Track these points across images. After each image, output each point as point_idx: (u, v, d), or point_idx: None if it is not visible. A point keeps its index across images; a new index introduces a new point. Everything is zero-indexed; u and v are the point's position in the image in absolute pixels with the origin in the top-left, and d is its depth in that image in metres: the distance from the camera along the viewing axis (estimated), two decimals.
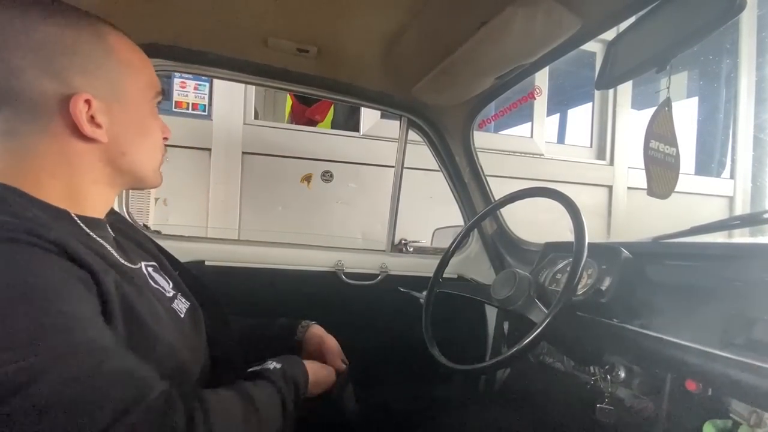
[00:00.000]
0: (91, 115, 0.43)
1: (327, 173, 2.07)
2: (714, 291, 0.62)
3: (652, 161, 0.76)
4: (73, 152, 0.44)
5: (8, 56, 0.40)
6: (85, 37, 0.44)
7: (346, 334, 1.18)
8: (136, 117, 0.48)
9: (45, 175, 0.43)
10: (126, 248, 0.52)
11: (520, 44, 0.77)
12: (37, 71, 0.41)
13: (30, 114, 0.42)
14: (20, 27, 0.40)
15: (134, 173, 0.50)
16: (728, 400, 0.57)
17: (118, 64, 0.46)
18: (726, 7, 0.54)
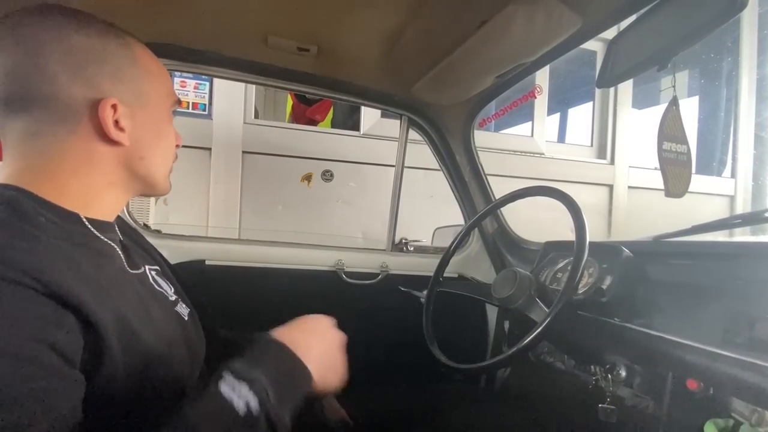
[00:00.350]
0: (116, 120, 0.45)
1: (327, 172, 2.07)
2: (715, 290, 0.62)
3: (666, 162, 0.76)
4: (96, 154, 0.46)
5: (43, 62, 0.42)
6: (112, 46, 0.46)
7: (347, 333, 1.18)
8: (155, 122, 0.51)
9: (65, 175, 0.45)
10: (131, 252, 0.53)
11: (520, 43, 0.77)
12: (69, 77, 0.43)
13: (59, 116, 0.44)
14: (55, 35, 0.43)
15: (148, 178, 0.52)
16: (729, 399, 0.57)
17: (142, 72, 0.49)
18: (727, 5, 0.54)
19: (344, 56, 0.94)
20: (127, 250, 0.53)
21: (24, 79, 0.42)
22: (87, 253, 0.43)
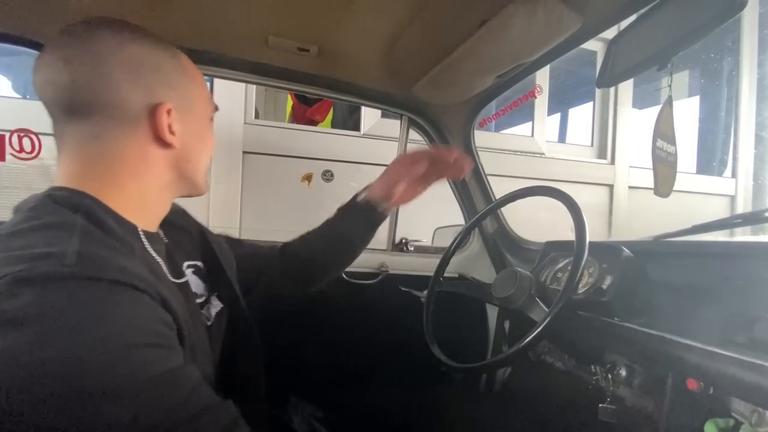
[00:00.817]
0: (169, 124, 0.49)
1: (328, 172, 2.07)
2: (715, 289, 0.61)
3: (658, 160, 0.76)
4: (152, 156, 0.49)
5: (106, 70, 0.45)
6: (164, 56, 0.50)
7: (347, 333, 1.18)
8: (200, 127, 0.54)
9: (125, 178, 0.48)
10: (174, 255, 0.56)
11: (520, 43, 0.76)
12: (129, 84, 0.46)
13: (119, 120, 0.47)
14: (114, 46, 0.46)
15: (192, 180, 0.55)
16: (730, 399, 0.57)
17: (188, 80, 0.52)
18: (727, 4, 0.53)
19: (344, 56, 0.94)
20: (171, 255, 0.56)
21: (88, 86, 0.45)
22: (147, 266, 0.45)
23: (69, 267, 0.35)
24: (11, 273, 0.33)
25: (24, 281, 0.33)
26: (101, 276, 0.36)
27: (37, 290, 0.33)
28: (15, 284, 0.33)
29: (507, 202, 0.88)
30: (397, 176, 0.75)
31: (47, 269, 0.34)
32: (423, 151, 0.75)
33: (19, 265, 0.34)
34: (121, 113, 0.47)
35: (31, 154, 0.96)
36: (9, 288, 0.32)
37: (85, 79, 0.45)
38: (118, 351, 0.34)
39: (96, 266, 0.36)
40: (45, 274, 0.34)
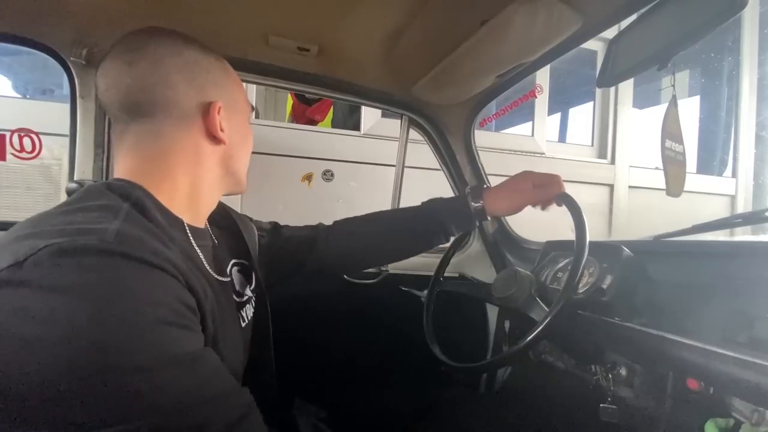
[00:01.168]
0: (220, 121, 0.52)
1: (328, 172, 2.07)
2: (716, 289, 0.61)
3: (668, 161, 0.76)
4: (204, 152, 0.53)
5: (166, 72, 0.50)
6: (212, 59, 0.54)
7: (348, 332, 1.18)
8: (243, 126, 0.58)
9: (178, 172, 0.51)
10: (220, 254, 0.59)
11: (520, 42, 0.76)
12: (186, 84, 0.51)
13: (176, 118, 0.50)
14: (172, 50, 0.51)
15: (236, 175, 0.58)
16: (730, 399, 0.57)
17: (232, 81, 0.57)
18: (727, 4, 0.53)
19: (345, 56, 0.94)
20: (217, 253, 0.58)
21: (149, 87, 0.49)
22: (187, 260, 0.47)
23: (105, 242, 0.37)
24: (54, 243, 0.35)
25: (63, 252, 0.35)
26: (134, 254, 0.37)
27: (73, 261, 0.35)
28: (55, 254, 0.35)
29: None
30: (519, 189, 0.76)
31: (85, 242, 0.36)
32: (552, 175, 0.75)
33: (62, 237, 0.36)
34: (178, 111, 0.50)
35: (32, 154, 0.96)
36: (50, 257, 0.35)
37: (146, 80, 0.49)
38: (143, 325, 0.35)
39: (131, 245, 0.38)
40: (83, 246, 0.36)
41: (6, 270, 0.34)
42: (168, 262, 0.40)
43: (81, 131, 0.91)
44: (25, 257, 0.35)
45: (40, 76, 2.22)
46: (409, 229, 0.80)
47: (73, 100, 0.90)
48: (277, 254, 0.75)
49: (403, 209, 0.84)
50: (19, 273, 0.34)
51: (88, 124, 0.91)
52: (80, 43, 0.86)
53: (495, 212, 0.77)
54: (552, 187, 0.73)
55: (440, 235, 0.78)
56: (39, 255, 0.35)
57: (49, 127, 1.07)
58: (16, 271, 0.34)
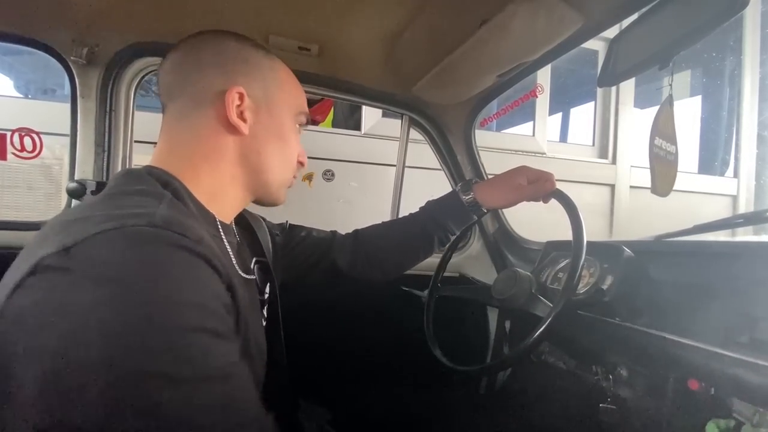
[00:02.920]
0: (241, 110, 0.51)
1: (328, 172, 2.07)
2: (717, 289, 0.61)
3: (656, 159, 0.76)
4: (222, 141, 0.52)
5: (201, 56, 0.51)
6: (258, 54, 0.54)
7: (349, 333, 1.18)
8: (277, 125, 0.55)
9: (199, 160, 0.51)
10: (244, 252, 0.59)
11: (521, 42, 0.76)
12: (215, 69, 0.51)
13: (198, 101, 0.51)
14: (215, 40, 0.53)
15: (262, 176, 0.55)
16: (731, 400, 0.57)
17: (276, 80, 0.55)
18: (728, 4, 0.53)
19: (345, 56, 0.94)
20: (242, 251, 0.58)
21: (183, 68, 0.51)
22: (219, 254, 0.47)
23: (154, 227, 0.36)
24: (103, 231, 0.35)
25: (111, 239, 0.35)
26: (181, 242, 0.37)
27: (121, 250, 0.35)
28: (103, 242, 0.35)
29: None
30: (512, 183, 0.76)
31: (134, 228, 0.36)
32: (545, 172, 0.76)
33: (112, 222, 0.36)
34: (201, 93, 0.50)
35: (33, 153, 0.96)
36: (97, 245, 0.35)
37: (181, 61, 0.51)
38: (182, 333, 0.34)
39: (179, 230, 0.38)
40: (132, 233, 0.36)
41: (54, 255, 0.34)
42: (212, 252, 0.40)
43: (81, 131, 0.91)
44: (74, 243, 0.34)
45: (41, 75, 2.22)
46: (411, 234, 0.79)
47: (73, 99, 0.91)
48: (291, 254, 0.75)
49: (404, 217, 0.84)
50: (65, 259, 0.34)
51: (88, 124, 0.91)
52: (81, 43, 0.86)
53: (487, 204, 0.77)
54: (545, 183, 0.73)
55: (440, 234, 0.78)
56: (91, 241, 0.34)
57: (49, 127, 1.07)
58: (63, 257, 0.34)
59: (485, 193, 0.76)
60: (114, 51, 0.89)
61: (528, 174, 0.75)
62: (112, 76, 0.91)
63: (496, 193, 0.76)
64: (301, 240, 0.77)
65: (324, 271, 0.78)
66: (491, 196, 0.76)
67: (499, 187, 0.76)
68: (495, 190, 0.76)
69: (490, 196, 0.76)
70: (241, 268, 0.54)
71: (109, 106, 0.92)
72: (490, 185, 0.77)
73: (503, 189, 0.76)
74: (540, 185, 0.74)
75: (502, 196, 0.76)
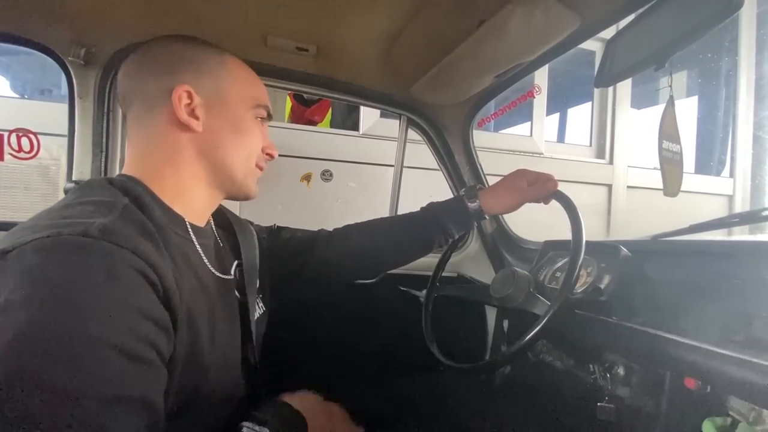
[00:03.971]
0: (192, 108, 0.51)
1: (327, 172, 2.07)
2: (713, 288, 0.61)
3: (665, 161, 0.76)
4: (176, 139, 0.52)
5: (149, 62, 0.52)
6: (206, 52, 0.54)
7: (346, 333, 1.18)
8: (233, 119, 0.55)
9: (161, 162, 0.51)
10: (224, 254, 0.60)
11: (518, 43, 0.76)
12: (161, 70, 0.52)
13: (150, 105, 0.51)
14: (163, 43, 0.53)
15: (224, 170, 0.55)
16: (727, 398, 0.57)
17: (227, 74, 0.55)
18: (723, 5, 0.53)
19: (343, 56, 0.94)
20: (220, 254, 0.58)
21: (133, 75, 0.52)
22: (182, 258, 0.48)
23: (89, 237, 0.37)
24: (39, 237, 0.36)
25: (42, 248, 0.36)
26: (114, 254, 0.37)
27: (51, 257, 0.35)
28: (34, 249, 0.36)
29: None
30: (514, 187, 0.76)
31: (68, 237, 0.36)
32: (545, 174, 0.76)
33: (50, 230, 0.37)
34: (152, 98, 0.51)
35: (30, 154, 0.96)
36: (32, 249, 0.36)
37: (131, 70, 0.52)
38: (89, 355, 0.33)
39: (117, 240, 0.38)
40: (64, 241, 0.36)
41: None
42: (148, 264, 0.39)
43: (79, 131, 0.90)
44: (12, 248, 0.36)
45: (38, 76, 2.21)
46: (410, 233, 0.79)
47: (71, 100, 0.90)
48: (278, 255, 0.75)
49: (403, 215, 0.83)
50: (2, 263, 0.36)
51: (86, 124, 0.90)
52: (78, 43, 0.86)
53: (492, 211, 0.77)
54: (546, 184, 0.73)
55: (440, 237, 0.78)
56: (23, 248, 0.36)
57: (46, 127, 1.06)
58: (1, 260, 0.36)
59: (490, 200, 0.76)
60: (112, 51, 0.89)
61: (527, 176, 0.75)
62: (110, 77, 0.90)
63: (499, 199, 0.76)
64: (287, 241, 0.78)
65: (312, 269, 0.77)
66: (495, 202, 0.76)
67: (502, 193, 0.76)
68: (498, 196, 0.76)
69: (494, 203, 0.76)
70: (218, 269, 0.55)
71: (107, 107, 0.91)
72: (494, 192, 0.77)
73: (506, 195, 0.76)
74: (541, 186, 0.74)
75: (506, 201, 0.76)
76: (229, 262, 0.61)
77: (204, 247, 0.54)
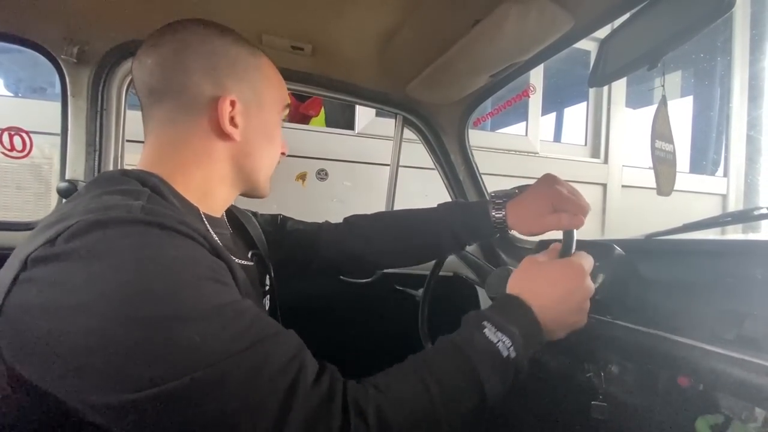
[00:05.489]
0: (233, 116, 0.51)
1: (322, 171, 2.06)
2: (706, 287, 0.62)
3: (658, 161, 0.76)
4: (213, 147, 0.51)
5: (185, 59, 0.49)
6: (244, 53, 0.53)
7: (343, 332, 1.18)
8: (267, 125, 0.55)
9: (191, 165, 0.51)
10: (237, 244, 0.60)
11: (513, 42, 0.76)
12: (202, 74, 0.49)
13: (188, 107, 0.50)
14: (199, 39, 0.50)
15: (252, 176, 0.56)
16: (719, 396, 0.57)
17: (262, 78, 0.54)
18: (715, 5, 0.53)
19: (339, 55, 0.94)
20: (236, 243, 0.59)
21: (167, 71, 0.49)
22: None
23: (133, 215, 0.38)
24: (84, 219, 0.37)
25: (95, 223, 0.37)
26: (162, 222, 0.38)
27: (104, 231, 0.36)
28: (84, 228, 0.36)
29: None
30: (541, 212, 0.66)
31: (115, 215, 0.38)
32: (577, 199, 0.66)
33: (91, 214, 0.38)
34: (190, 100, 0.49)
35: (22, 153, 0.95)
36: (80, 231, 0.36)
37: (166, 63, 0.49)
38: (183, 281, 0.36)
39: (157, 216, 0.39)
40: (112, 218, 0.37)
41: (39, 248, 0.36)
42: (197, 231, 0.41)
43: (72, 130, 0.90)
44: (57, 235, 0.36)
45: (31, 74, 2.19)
46: (422, 236, 0.74)
47: (64, 98, 0.89)
48: (283, 247, 0.74)
49: (417, 212, 0.77)
50: (51, 249, 0.35)
51: (79, 123, 0.90)
52: (71, 41, 0.85)
53: (517, 229, 0.69)
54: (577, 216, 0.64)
55: (454, 245, 0.74)
56: (70, 230, 0.36)
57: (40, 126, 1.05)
58: (49, 248, 0.35)
59: (518, 216, 0.68)
60: (105, 49, 0.88)
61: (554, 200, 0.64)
62: (103, 75, 0.90)
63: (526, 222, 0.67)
64: (290, 232, 0.77)
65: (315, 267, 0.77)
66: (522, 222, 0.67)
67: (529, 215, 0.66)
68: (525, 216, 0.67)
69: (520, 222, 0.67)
70: (237, 256, 0.55)
71: (100, 105, 0.90)
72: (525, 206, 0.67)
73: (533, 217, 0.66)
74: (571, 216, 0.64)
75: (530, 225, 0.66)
76: (244, 251, 0.61)
77: (220, 236, 0.54)
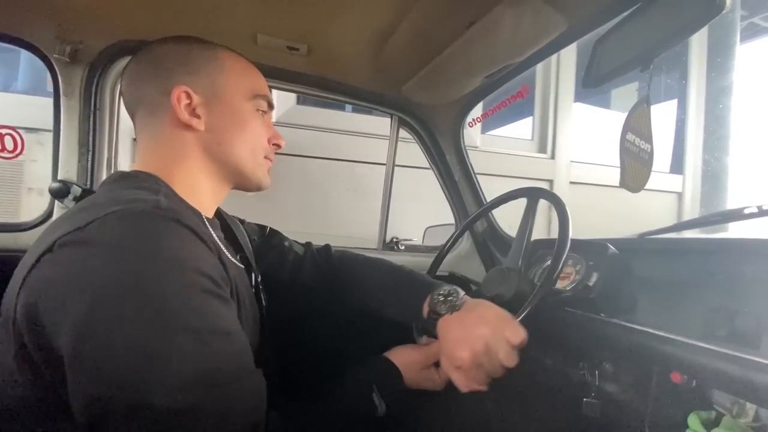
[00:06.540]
0: (193, 108, 0.50)
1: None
2: (697, 285, 0.59)
3: (626, 153, 0.73)
4: (183, 139, 0.50)
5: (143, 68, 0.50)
6: (196, 49, 0.52)
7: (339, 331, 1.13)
8: (233, 113, 0.52)
9: (171, 163, 0.50)
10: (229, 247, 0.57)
11: (508, 44, 0.73)
12: (155, 75, 0.50)
13: (153, 110, 0.50)
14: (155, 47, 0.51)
15: (231, 165, 0.53)
16: (711, 392, 0.55)
17: (219, 68, 0.52)
18: (706, 7, 0.52)
19: (334, 55, 0.88)
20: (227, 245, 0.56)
21: (134, 82, 0.51)
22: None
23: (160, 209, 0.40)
24: (116, 210, 0.38)
25: (125, 216, 0.38)
26: (184, 221, 0.40)
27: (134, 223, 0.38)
28: (118, 218, 0.37)
29: (498, 205, 0.85)
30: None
31: (143, 208, 0.39)
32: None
33: (120, 205, 0.39)
34: (153, 102, 0.49)
35: (13, 153, 0.87)
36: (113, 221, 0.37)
37: (130, 78, 0.51)
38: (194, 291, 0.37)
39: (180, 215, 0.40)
40: (141, 211, 0.39)
41: (70, 234, 0.36)
42: (207, 236, 0.42)
43: (65, 130, 0.82)
44: (87, 223, 0.37)
45: None
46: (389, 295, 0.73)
47: (56, 98, 0.82)
48: (266, 259, 0.71)
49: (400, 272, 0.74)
50: (81, 235, 0.36)
51: (72, 123, 0.82)
52: (64, 41, 0.78)
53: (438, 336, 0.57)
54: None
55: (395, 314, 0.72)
56: (103, 219, 0.37)
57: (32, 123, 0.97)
58: (78, 234, 0.36)
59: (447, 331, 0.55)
60: (98, 49, 0.81)
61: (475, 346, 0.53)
62: (96, 75, 0.82)
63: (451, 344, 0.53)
64: (276, 246, 0.74)
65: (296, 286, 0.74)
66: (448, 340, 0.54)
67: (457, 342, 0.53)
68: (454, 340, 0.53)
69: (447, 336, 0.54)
70: (233, 256, 0.55)
71: (93, 105, 0.83)
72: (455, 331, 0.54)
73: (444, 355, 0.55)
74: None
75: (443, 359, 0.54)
76: (235, 255, 0.58)
77: (219, 238, 0.52)
